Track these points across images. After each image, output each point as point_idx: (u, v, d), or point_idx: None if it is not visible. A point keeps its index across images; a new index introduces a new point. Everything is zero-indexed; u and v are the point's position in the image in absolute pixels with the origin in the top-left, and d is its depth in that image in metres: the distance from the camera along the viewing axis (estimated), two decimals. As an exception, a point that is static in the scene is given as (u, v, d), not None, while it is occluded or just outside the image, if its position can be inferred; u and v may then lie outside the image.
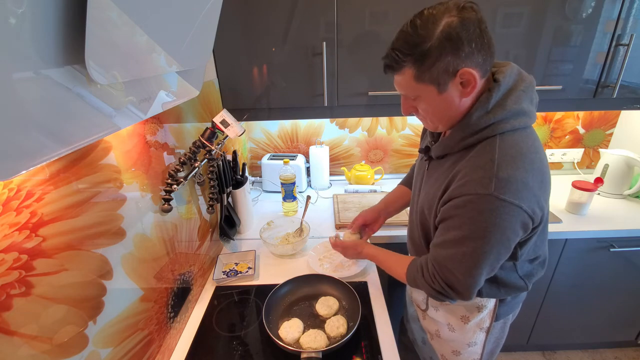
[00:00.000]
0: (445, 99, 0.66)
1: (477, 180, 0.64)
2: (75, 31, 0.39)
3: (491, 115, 0.66)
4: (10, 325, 0.43)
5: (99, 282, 0.60)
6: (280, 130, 1.75)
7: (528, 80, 0.70)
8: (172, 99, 0.70)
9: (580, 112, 1.71)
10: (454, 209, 0.67)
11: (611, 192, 1.56)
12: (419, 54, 0.62)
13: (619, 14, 1.17)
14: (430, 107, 0.69)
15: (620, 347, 1.77)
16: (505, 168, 0.63)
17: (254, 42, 1.22)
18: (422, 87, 0.66)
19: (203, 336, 0.92)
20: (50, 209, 0.49)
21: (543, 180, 0.67)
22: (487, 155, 0.65)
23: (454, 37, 0.59)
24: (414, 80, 0.65)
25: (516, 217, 0.63)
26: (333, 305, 0.97)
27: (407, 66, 0.64)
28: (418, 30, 0.61)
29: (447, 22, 0.59)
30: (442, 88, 0.65)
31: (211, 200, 1.09)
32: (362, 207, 1.49)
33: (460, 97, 0.66)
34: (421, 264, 0.79)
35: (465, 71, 0.62)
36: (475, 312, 0.88)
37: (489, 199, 0.62)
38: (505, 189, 0.62)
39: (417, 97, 0.69)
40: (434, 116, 0.71)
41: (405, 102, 0.73)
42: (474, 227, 0.65)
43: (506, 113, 0.66)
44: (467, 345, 0.93)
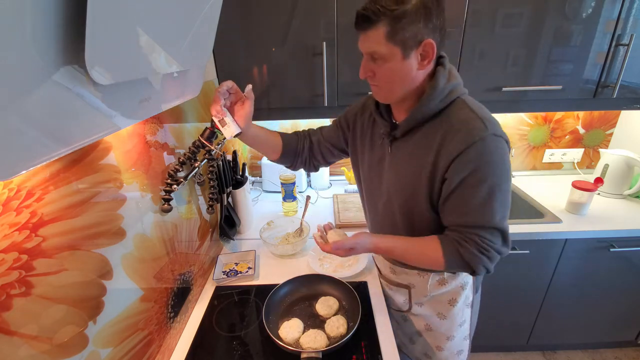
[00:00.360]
0: (405, 66, 0.70)
1: (471, 129, 0.69)
2: (75, 31, 0.39)
3: (449, 83, 0.73)
4: (10, 325, 0.43)
5: (99, 282, 0.60)
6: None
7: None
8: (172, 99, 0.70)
9: (580, 112, 1.71)
10: (465, 164, 0.69)
11: (611, 192, 1.56)
12: (398, 13, 0.64)
13: (619, 14, 1.17)
14: (390, 71, 0.71)
15: (620, 347, 1.77)
16: (483, 113, 0.71)
17: (254, 42, 1.22)
18: (390, 47, 0.68)
19: (203, 336, 0.92)
20: (50, 209, 0.49)
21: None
22: (465, 110, 0.72)
23: (429, 6, 0.65)
24: (384, 38, 0.67)
25: (506, 149, 0.71)
26: (333, 305, 0.97)
27: (383, 21, 0.66)
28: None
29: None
30: (407, 54, 0.68)
31: (211, 200, 1.09)
32: (362, 207, 1.49)
33: (417, 68, 0.71)
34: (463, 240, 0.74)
35: (428, 42, 0.67)
36: (460, 291, 0.92)
37: (492, 139, 0.68)
38: (494, 127, 0.70)
39: (381, 57, 0.70)
40: (391, 83, 0.73)
41: (366, 65, 0.74)
42: (495, 171, 0.69)
43: (458, 80, 0.75)
44: (458, 326, 0.96)
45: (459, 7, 1.17)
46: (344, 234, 0.89)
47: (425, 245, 0.81)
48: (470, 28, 1.19)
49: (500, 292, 1.47)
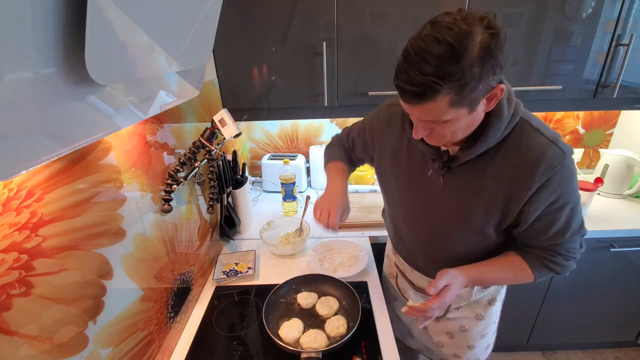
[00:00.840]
0: (473, 117, 0.61)
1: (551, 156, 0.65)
2: (75, 31, 0.39)
3: (511, 105, 0.67)
4: (10, 325, 0.43)
5: (99, 282, 0.60)
6: (280, 130, 1.75)
7: None
8: (172, 99, 0.71)
9: (580, 112, 1.71)
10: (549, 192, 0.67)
11: (611, 192, 1.56)
12: (463, 80, 0.53)
13: (619, 14, 1.17)
14: (454, 127, 0.62)
15: (620, 347, 1.77)
16: (548, 132, 0.67)
17: (254, 42, 1.22)
18: (455, 111, 0.57)
19: (203, 336, 0.92)
20: (50, 209, 0.50)
21: None
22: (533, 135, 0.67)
23: (491, 58, 0.53)
24: (448, 106, 0.56)
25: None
26: (333, 305, 0.97)
27: (444, 93, 0.54)
28: (458, 52, 0.51)
29: (480, 39, 0.52)
30: (474, 108, 0.59)
31: (211, 200, 1.09)
32: (362, 207, 1.49)
33: (484, 111, 0.63)
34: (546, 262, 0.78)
35: (499, 88, 0.58)
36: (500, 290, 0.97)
37: (569, 161, 0.66)
38: (564, 146, 0.66)
39: (445, 121, 0.60)
40: (454, 136, 0.65)
41: (424, 127, 0.64)
42: (573, 194, 0.70)
43: (515, 98, 0.68)
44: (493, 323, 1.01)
45: (459, 7, 1.16)
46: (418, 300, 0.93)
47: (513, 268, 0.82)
48: (470, 28, 1.19)
49: (500, 292, 1.47)
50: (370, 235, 1.33)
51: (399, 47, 1.21)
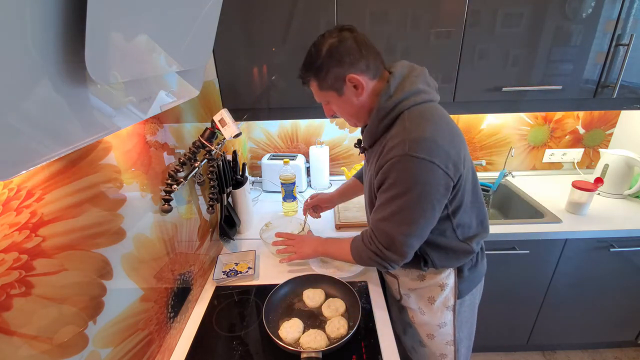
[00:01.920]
0: (345, 100, 0.83)
1: (395, 145, 0.75)
2: (75, 31, 0.39)
3: (395, 97, 0.78)
4: (10, 325, 0.43)
5: (99, 282, 0.60)
6: (280, 130, 1.75)
7: (419, 69, 0.84)
8: (172, 99, 0.71)
9: (580, 112, 1.71)
10: (382, 175, 0.78)
11: (611, 192, 1.56)
12: (315, 70, 0.80)
13: (619, 14, 1.17)
14: (339, 107, 0.86)
15: (620, 347, 1.77)
16: (414, 131, 0.74)
17: (254, 42, 1.22)
18: (326, 93, 0.83)
19: (203, 336, 0.92)
20: (50, 209, 0.49)
21: (453, 139, 0.78)
22: (400, 126, 0.78)
23: (334, 53, 0.77)
24: (318, 89, 0.84)
25: (432, 172, 0.73)
26: (340, 307, 0.96)
27: (311, 80, 0.83)
28: (312, 53, 0.80)
29: (329, 42, 0.77)
30: (340, 92, 0.81)
31: (211, 200, 1.09)
32: (362, 207, 1.49)
33: (356, 96, 0.82)
34: (362, 233, 0.91)
35: (351, 77, 0.78)
36: (439, 291, 0.96)
37: (406, 159, 0.73)
38: (417, 147, 0.73)
39: (327, 101, 0.86)
40: (346, 114, 0.88)
41: (325, 107, 0.90)
42: (398, 186, 0.76)
43: (406, 93, 0.78)
44: (437, 326, 0.99)
45: (459, 7, 1.17)
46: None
47: (344, 240, 0.98)
48: (470, 28, 1.19)
49: (500, 292, 1.47)
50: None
51: (399, 47, 1.22)
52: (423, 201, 0.76)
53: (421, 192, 0.75)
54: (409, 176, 0.74)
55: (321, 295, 1.00)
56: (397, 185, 0.76)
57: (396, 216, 0.78)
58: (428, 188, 0.75)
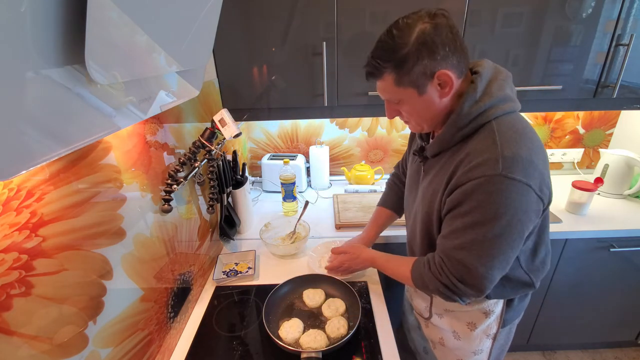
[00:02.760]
0: (425, 100, 0.70)
1: (483, 163, 0.64)
2: (75, 31, 0.39)
3: (481, 103, 0.68)
4: (10, 325, 0.43)
5: (99, 282, 0.60)
6: (280, 130, 1.75)
7: (505, 72, 0.73)
8: (172, 99, 0.70)
9: (580, 112, 1.71)
10: (462, 195, 0.67)
11: (611, 192, 1.56)
12: (398, 60, 0.65)
13: (619, 14, 1.17)
14: (412, 109, 0.73)
15: (620, 347, 1.77)
16: (509, 147, 0.64)
17: (254, 42, 1.22)
18: (403, 90, 0.69)
19: (203, 336, 0.92)
20: (50, 209, 0.49)
21: (545, 158, 0.68)
22: (488, 139, 0.66)
23: (429, 41, 0.63)
24: (394, 84, 0.69)
25: (526, 196, 0.63)
26: (340, 307, 0.96)
27: (387, 72, 0.68)
28: (395, 38, 0.65)
29: (421, 28, 0.63)
30: (422, 90, 0.68)
31: (211, 200, 1.09)
32: (362, 207, 1.49)
33: (439, 97, 0.69)
34: (427, 259, 0.78)
35: (442, 73, 0.65)
36: (483, 318, 0.86)
37: (498, 179, 0.62)
38: (512, 167, 0.62)
39: (399, 100, 0.72)
40: (418, 117, 0.74)
41: (389, 107, 0.76)
42: (483, 211, 0.65)
43: (494, 99, 0.68)
44: (472, 353, 0.91)
45: (459, 7, 1.17)
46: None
47: (402, 260, 0.88)
48: (470, 28, 1.19)
49: (500, 292, 1.47)
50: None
51: (399, 47, 1.22)
52: (513, 230, 0.65)
53: (512, 219, 0.64)
54: (500, 200, 0.63)
55: (321, 295, 1.00)
56: (482, 209, 0.65)
57: (478, 246, 0.67)
58: (521, 215, 0.64)
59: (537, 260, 0.80)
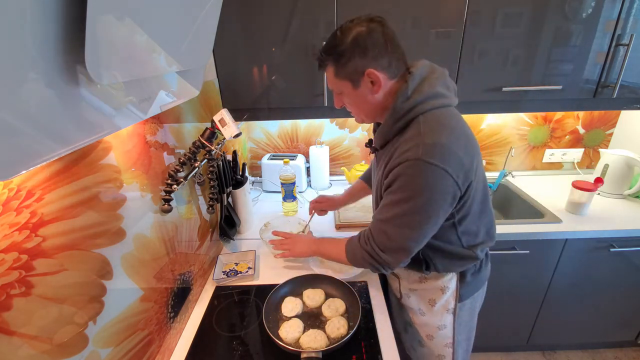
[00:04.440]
0: (360, 94, 0.80)
1: (409, 149, 0.73)
2: (75, 31, 0.39)
3: (412, 100, 0.76)
4: (10, 325, 0.43)
5: (99, 282, 0.60)
6: (280, 130, 1.75)
7: (439, 71, 0.81)
8: (172, 99, 0.71)
9: (580, 112, 1.71)
10: (392, 177, 0.76)
11: (611, 192, 1.56)
12: (336, 55, 0.76)
13: (619, 14, 1.17)
14: (351, 100, 0.83)
15: (620, 347, 1.77)
16: (430, 136, 0.72)
17: (254, 42, 1.22)
18: (341, 82, 0.80)
19: (203, 336, 0.92)
20: (50, 209, 0.49)
21: (467, 146, 0.75)
22: (415, 130, 0.75)
23: (361, 42, 0.73)
24: (334, 76, 0.80)
25: (442, 180, 0.72)
26: (340, 307, 0.96)
27: (328, 64, 0.79)
28: (337, 37, 0.76)
29: (357, 31, 0.74)
30: (356, 84, 0.78)
31: (211, 200, 1.09)
32: (362, 207, 1.49)
33: (371, 93, 0.78)
34: (360, 233, 0.89)
35: (371, 72, 0.74)
36: (440, 294, 0.95)
37: (418, 163, 0.71)
38: (431, 153, 0.71)
39: (340, 91, 0.82)
40: (356, 108, 0.85)
41: (336, 97, 0.86)
42: (406, 190, 0.74)
43: (424, 96, 0.76)
44: (437, 328, 0.99)
45: (459, 7, 1.17)
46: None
47: (338, 240, 0.97)
48: (470, 28, 1.19)
49: (501, 292, 1.46)
50: (370, 235, 1.33)
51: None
52: (429, 208, 0.75)
53: (429, 199, 0.73)
54: (418, 181, 0.72)
55: (321, 295, 1.00)
56: (405, 188, 0.74)
57: (398, 219, 0.77)
58: (437, 196, 0.73)
59: (478, 238, 0.89)
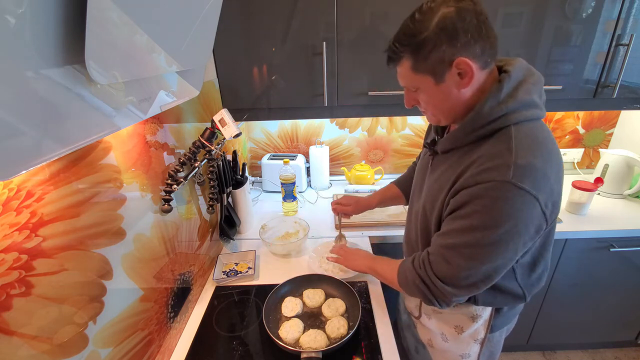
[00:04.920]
0: (443, 89, 0.66)
1: (494, 167, 0.61)
2: (75, 31, 0.39)
3: (503, 106, 0.64)
4: (10, 325, 0.43)
5: (99, 282, 0.60)
6: (280, 130, 1.75)
7: (537, 75, 0.69)
8: (172, 99, 0.70)
9: (580, 112, 1.71)
10: (466, 197, 0.64)
11: (611, 192, 1.56)
12: (415, 45, 0.62)
13: (619, 14, 1.17)
14: (429, 98, 0.69)
15: (620, 347, 1.77)
16: (523, 156, 0.60)
17: (254, 42, 1.22)
18: (420, 77, 0.66)
19: (203, 336, 0.92)
20: (50, 209, 0.49)
21: (559, 173, 0.65)
22: (503, 144, 0.63)
23: (449, 27, 0.59)
24: (411, 70, 0.66)
25: (530, 209, 0.60)
26: (340, 308, 0.96)
27: (404, 57, 0.65)
28: (416, 22, 0.62)
29: (443, 12, 0.60)
30: (439, 79, 0.65)
31: (211, 200, 1.09)
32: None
33: (458, 88, 0.65)
34: (415, 255, 0.77)
35: (461, 61, 0.61)
36: (470, 322, 0.85)
37: (506, 187, 0.59)
38: (523, 176, 0.59)
39: (417, 88, 0.69)
40: (435, 108, 0.71)
41: (407, 94, 0.73)
42: (484, 216, 0.62)
43: (518, 103, 0.64)
44: (460, 356, 0.90)
45: (459, 7, 1.16)
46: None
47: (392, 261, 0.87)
48: (470, 28, 1.19)
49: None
50: (371, 235, 1.33)
51: (399, 47, 1.21)
52: (510, 240, 0.62)
53: (511, 230, 0.61)
54: (504, 208, 0.60)
55: (321, 295, 1.00)
56: (484, 214, 0.62)
57: (469, 249, 0.64)
58: (521, 227, 0.61)
59: (533, 276, 0.78)
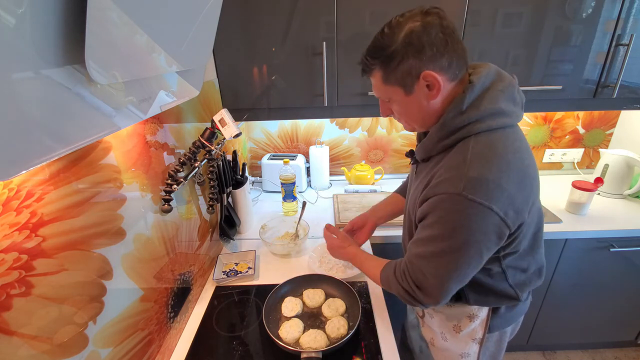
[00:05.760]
0: (412, 100, 0.69)
1: (448, 179, 0.64)
2: (75, 31, 0.39)
3: (465, 116, 0.66)
4: (10, 325, 0.43)
5: (99, 282, 0.60)
6: (280, 130, 1.75)
7: (507, 80, 0.69)
8: (172, 99, 0.70)
9: (580, 112, 1.71)
10: (427, 208, 0.68)
11: (611, 192, 1.56)
12: (384, 57, 0.65)
13: (619, 14, 1.17)
14: (401, 108, 0.73)
15: (620, 347, 1.77)
16: (476, 168, 0.62)
17: (254, 42, 1.22)
18: (390, 88, 0.69)
19: (203, 336, 0.92)
20: (50, 209, 0.49)
21: (523, 181, 0.65)
22: (460, 156, 0.65)
23: (415, 41, 0.62)
24: (382, 82, 0.69)
25: (486, 219, 0.62)
26: (340, 308, 0.96)
27: (375, 69, 0.69)
28: (385, 36, 0.65)
29: (410, 27, 0.62)
30: (409, 90, 0.67)
31: (211, 200, 1.09)
32: (362, 207, 1.49)
33: (427, 99, 0.68)
34: (396, 263, 0.80)
35: (427, 74, 0.64)
36: (467, 322, 0.86)
37: (457, 199, 0.62)
38: (474, 189, 0.61)
39: (389, 99, 0.72)
40: (407, 117, 0.74)
41: (382, 105, 0.76)
42: (442, 227, 0.65)
43: (481, 113, 0.65)
44: (459, 356, 0.91)
45: (459, 7, 1.17)
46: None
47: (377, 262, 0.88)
48: (470, 28, 1.19)
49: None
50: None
51: (399, 47, 1.22)
52: (469, 249, 0.65)
53: (468, 240, 0.64)
54: (457, 219, 0.63)
55: (321, 295, 1.00)
56: (441, 225, 0.65)
57: (436, 258, 0.68)
58: (478, 236, 0.63)
59: (524, 277, 0.80)
